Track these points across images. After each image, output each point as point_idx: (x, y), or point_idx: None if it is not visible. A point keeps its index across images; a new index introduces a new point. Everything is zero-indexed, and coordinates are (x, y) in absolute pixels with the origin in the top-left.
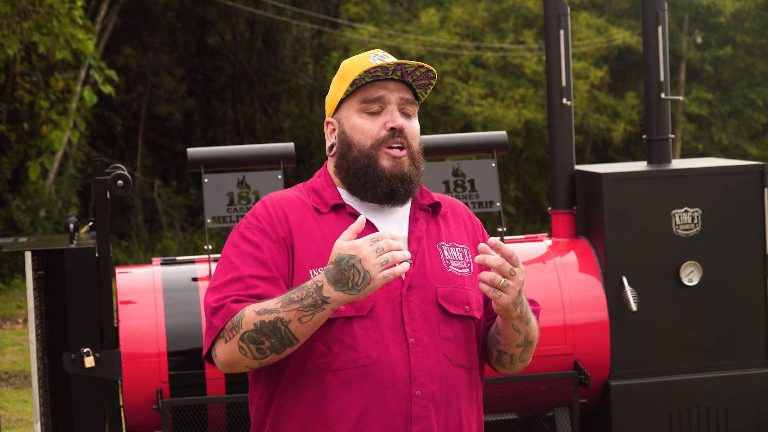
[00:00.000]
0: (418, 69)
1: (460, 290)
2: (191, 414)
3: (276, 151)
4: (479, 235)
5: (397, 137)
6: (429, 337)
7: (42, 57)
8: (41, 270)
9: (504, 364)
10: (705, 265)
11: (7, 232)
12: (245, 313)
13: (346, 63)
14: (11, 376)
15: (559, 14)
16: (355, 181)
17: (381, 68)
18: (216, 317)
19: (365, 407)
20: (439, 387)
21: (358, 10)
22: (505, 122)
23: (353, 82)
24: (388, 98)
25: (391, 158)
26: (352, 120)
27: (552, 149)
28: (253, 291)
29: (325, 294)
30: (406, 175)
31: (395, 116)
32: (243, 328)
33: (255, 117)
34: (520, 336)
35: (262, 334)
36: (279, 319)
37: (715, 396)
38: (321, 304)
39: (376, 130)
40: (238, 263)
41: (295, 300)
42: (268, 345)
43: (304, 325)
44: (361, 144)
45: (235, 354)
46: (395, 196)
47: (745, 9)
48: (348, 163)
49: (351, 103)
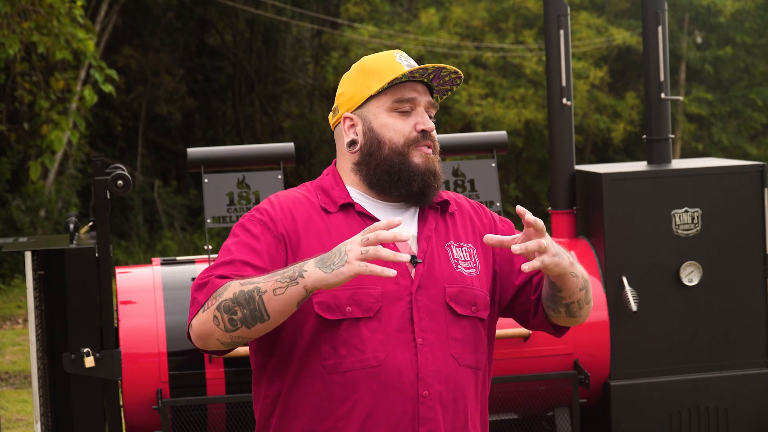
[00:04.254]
0: (451, 74)
1: (468, 291)
2: (191, 414)
3: (276, 151)
4: (488, 228)
5: (427, 139)
6: (437, 337)
7: (42, 57)
8: (41, 270)
9: (574, 313)
10: (705, 265)
11: (7, 232)
12: (230, 284)
13: (372, 60)
14: (11, 376)
15: (559, 14)
16: (387, 178)
17: (420, 70)
18: (200, 292)
19: (372, 409)
20: (446, 387)
21: (358, 10)
22: (505, 122)
23: (391, 81)
24: (419, 100)
25: (422, 155)
26: (382, 118)
27: (552, 149)
28: (240, 272)
29: (305, 267)
30: (438, 171)
31: (425, 119)
32: (222, 297)
33: (255, 117)
34: (579, 279)
35: (237, 303)
36: (257, 289)
37: (715, 396)
38: (297, 276)
39: (408, 129)
40: (233, 250)
41: (278, 273)
42: (240, 316)
43: (277, 298)
44: (393, 142)
45: (208, 324)
46: (428, 191)
47: (745, 9)
48: (378, 160)
49: (381, 101)
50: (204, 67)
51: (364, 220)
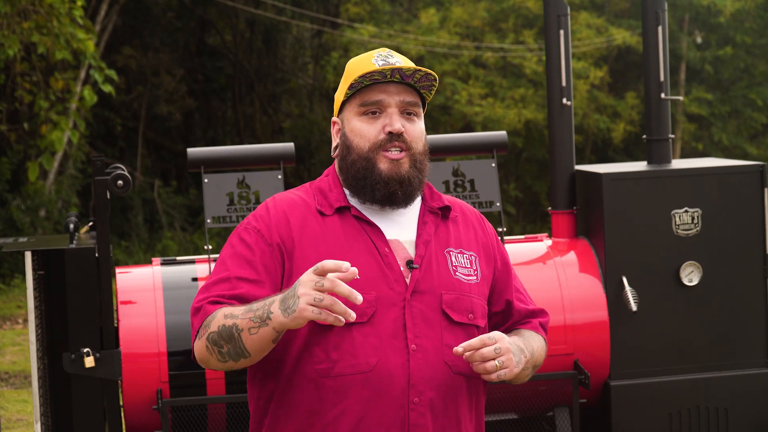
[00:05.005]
0: (416, 72)
1: (466, 298)
2: (191, 414)
3: (276, 151)
4: (491, 243)
5: (395, 141)
6: (431, 343)
7: (42, 57)
8: (41, 270)
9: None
10: (705, 265)
11: (7, 232)
12: (217, 315)
13: (350, 63)
14: (11, 376)
15: (559, 14)
16: (355, 184)
17: (378, 72)
18: (196, 317)
19: (362, 414)
20: (437, 394)
21: (358, 10)
22: (505, 122)
23: (351, 86)
24: (387, 102)
25: (388, 161)
26: (352, 122)
27: (552, 149)
28: (235, 291)
29: (271, 309)
30: (405, 178)
31: (393, 120)
32: (210, 328)
33: (255, 117)
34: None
35: (222, 338)
36: (235, 326)
37: (715, 396)
38: (265, 318)
39: (374, 133)
40: (229, 264)
41: (253, 309)
42: (226, 350)
43: (252, 337)
44: (359, 147)
45: (204, 352)
46: (394, 199)
47: (745, 9)
48: (347, 165)
49: (351, 105)
50: (204, 67)
51: (360, 223)
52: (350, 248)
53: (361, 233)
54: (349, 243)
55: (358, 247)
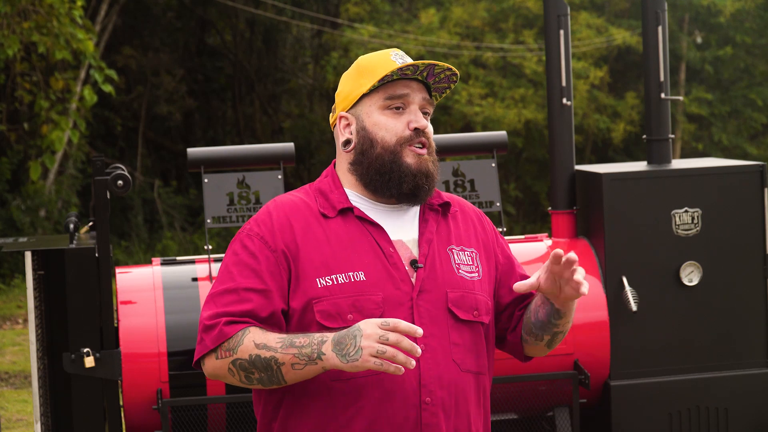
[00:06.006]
0: (445, 71)
1: (470, 295)
2: (191, 414)
3: (276, 151)
4: (490, 238)
5: (421, 137)
6: (439, 342)
7: (42, 57)
8: (41, 270)
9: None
10: (705, 265)
11: (7, 232)
12: (244, 341)
13: (367, 59)
14: (11, 376)
15: (559, 14)
16: (378, 178)
17: (412, 67)
18: (208, 336)
19: (375, 416)
20: (448, 393)
21: (358, 10)
22: (505, 122)
23: (382, 78)
24: (412, 97)
25: (415, 155)
26: (374, 117)
27: (552, 149)
28: (245, 306)
29: (323, 350)
30: (430, 172)
31: (419, 116)
32: (238, 354)
33: (255, 117)
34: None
35: (254, 366)
36: (274, 359)
37: (715, 396)
38: (315, 358)
39: (400, 128)
40: (234, 273)
41: (296, 345)
42: (257, 377)
43: (295, 372)
44: (385, 141)
45: (223, 372)
46: (419, 192)
47: (745, 9)
48: (370, 159)
49: (373, 99)
50: (204, 67)
51: (364, 224)
52: (355, 250)
53: (364, 234)
54: (354, 245)
55: (363, 248)
